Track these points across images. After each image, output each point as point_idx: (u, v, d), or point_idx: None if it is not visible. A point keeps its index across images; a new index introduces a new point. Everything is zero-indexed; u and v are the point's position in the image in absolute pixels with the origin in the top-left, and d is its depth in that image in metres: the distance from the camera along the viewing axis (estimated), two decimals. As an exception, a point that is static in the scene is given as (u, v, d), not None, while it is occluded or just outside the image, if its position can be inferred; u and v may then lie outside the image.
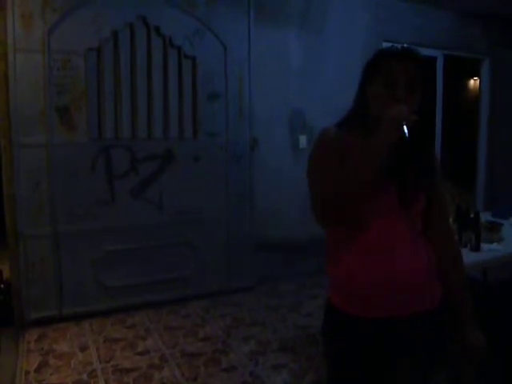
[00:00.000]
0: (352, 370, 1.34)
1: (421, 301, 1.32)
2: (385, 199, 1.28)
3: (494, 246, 2.70)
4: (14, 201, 3.35)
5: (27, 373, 2.82)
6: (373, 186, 1.21)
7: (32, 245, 3.41)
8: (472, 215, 2.76)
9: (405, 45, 1.30)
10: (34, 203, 3.39)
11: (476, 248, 2.60)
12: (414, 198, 1.30)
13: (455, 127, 6.85)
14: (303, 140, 4.47)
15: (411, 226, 1.32)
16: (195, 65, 3.84)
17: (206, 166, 3.95)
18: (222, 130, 4.00)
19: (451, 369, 1.40)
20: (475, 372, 1.37)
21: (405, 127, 1.16)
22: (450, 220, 1.47)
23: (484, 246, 2.65)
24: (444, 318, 1.37)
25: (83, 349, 3.13)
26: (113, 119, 3.61)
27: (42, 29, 3.28)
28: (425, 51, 5.29)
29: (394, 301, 1.28)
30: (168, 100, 3.80)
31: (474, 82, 10.66)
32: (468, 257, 2.52)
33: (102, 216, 3.60)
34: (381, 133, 1.18)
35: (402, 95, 1.24)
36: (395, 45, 1.31)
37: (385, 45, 4.99)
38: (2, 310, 3.34)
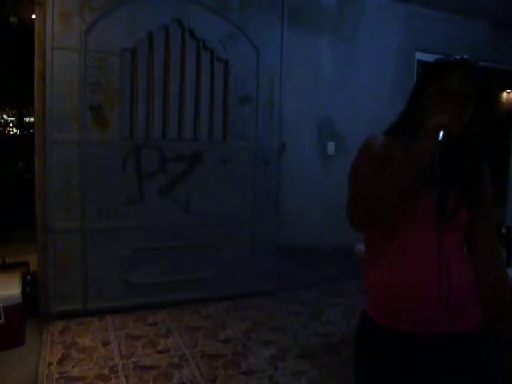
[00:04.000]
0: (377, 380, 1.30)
1: (464, 317, 1.26)
2: (425, 210, 1.24)
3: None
4: (44, 195, 3.43)
5: (50, 364, 2.87)
6: (411, 196, 1.19)
7: (60, 239, 3.48)
8: (503, 230, 2.70)
9: (465, 56, 1.26)
10: (65, 198, 3.46)
11: (508, 263, 2.54)
12: (453, 210, 1.26)
13: (486, 139, 6.73)
14: (331, 147, 4.46)
15: (454, 240, 1.28)
16: (227, 68, 3.87)
17: (234, 169, 3.97)
18: (251, 133, 4.02)
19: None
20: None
21: (441, 133, 1.14)
22: (496, 238, 1.40)
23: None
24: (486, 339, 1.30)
25: (105, 344, 3.17)
26: (144, 119, 3.67)
27: (79, 28, 3.36)
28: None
29: (439, 316, 1.22)
30: (199, 102, 3.84)
31: (507, 95, 10.45)
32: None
33: (129, 214, 3.66)
34: (419, 142, 1.17)
35: (451, 109, 1.21)
36: (454, 56, 1.26)
37: (417, 54, 4.95)
38: (27, 302, 3.41)
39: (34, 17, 3.37)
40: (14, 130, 9.22)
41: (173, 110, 3.74)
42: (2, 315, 3.04)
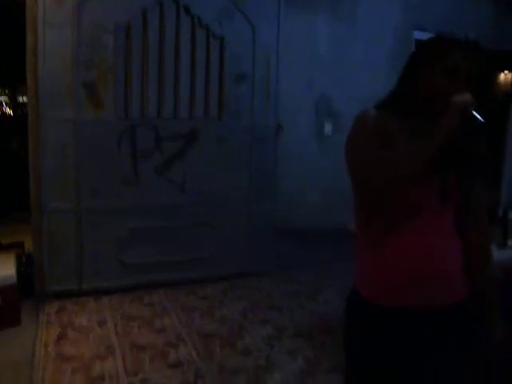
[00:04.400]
0: (380, 362, 1.30)
1: (455, 291, 1.31)
2: (426, 192, 1.24)
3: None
4: (39, 174, 3.38)
5: (46, 344, 2.87)
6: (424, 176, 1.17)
7: (55, 219, 3.45)
8: (500, 212, 2.70)
9: (470, 37, 1.32)
10: (59, 178, 3.42)
11: (503, 245, 2.54)
12: (453, 191, 1.28)
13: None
14: (328, 127, 4.42)
15: (447, 219, 1.31)
16: (223, 45, 3.79)
17: (230, 148, 3.92)
18: (247, 112, 3.96)
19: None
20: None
21: (475, 113, 1.09)
22: (486, 220, 1.43)
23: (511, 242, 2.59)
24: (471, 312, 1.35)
25: (101, 324, 3.18)
26: (139, 98, 3.60)
27: (71, 3, 3.27)
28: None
29: (431, 290, 1.27)
30: (195, 80, 3.77)
31: (504, 76, 10.37)
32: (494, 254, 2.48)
33: (125, 194, 3.62)
34: (446, 119, 1.11)
35: (460, 86, 1.20)
36: (457, 35, 1.29)
37: (415, 33, 4.89)
38: (23, 282, 3.39)
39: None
40: (8, 109, 9.11)
41: (168, 88, 3.67)
42: (-2, 296, 3.03)
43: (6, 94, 9.12)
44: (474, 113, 1.09)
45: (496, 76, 10.22)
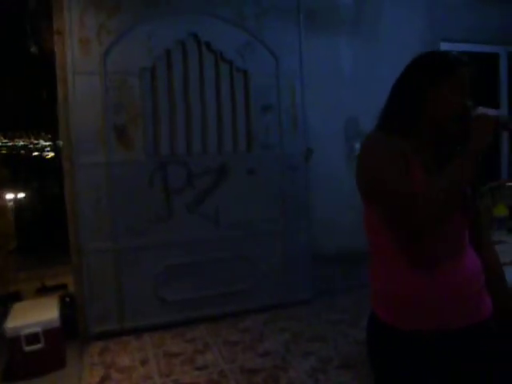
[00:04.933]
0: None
1: (478, 310, 1.31)
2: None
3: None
4: (76, 217, 3.47)
5: (91, 386, 2.89)
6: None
7: (94, 260, 3.52)
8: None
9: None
10: (95, 219, 3.50)
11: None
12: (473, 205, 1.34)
13: None
14: (358, 148, 4.36)
15: (466, 235, 1.33)
16: (247, 78, 3.84)
17: (261, 179, 3.93)
18: (276, 141, 3.97)
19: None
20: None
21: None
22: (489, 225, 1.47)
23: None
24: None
25: (144, 362, 3.17)
26: (168, 136, 3.68)
27: (98, 51, 3.40)
28: (485, 48, 5.05)
29: (454, 311, 1.26)
30: (221, 114, 3.82)
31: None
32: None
33: (160, 231, 3.66)
34: (480, 134, 1.18)
35: (471, 102, 1.27)
36: (452, 50, 1.37)
37: (443, 45, 4.80)
38: (67, 324, 3.44)
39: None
40: (51, 153, 9.50)
41: (196, 124, 3.74)
42: (42, 339, 3.07)
43: (49, 139, 9.54)
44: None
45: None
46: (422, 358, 1.26)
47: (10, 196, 6.32)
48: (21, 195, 7.07)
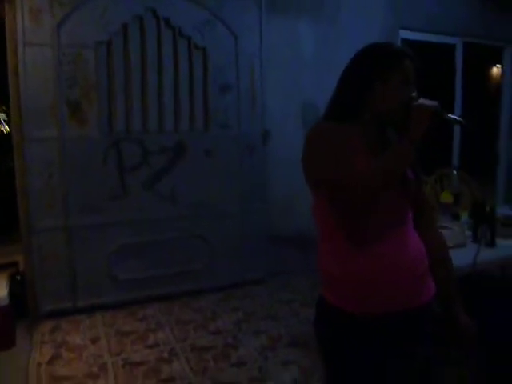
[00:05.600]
0: (352, 365, 1.35)
1: (418, 294, 1.35)
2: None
3: (511, 242, 2.59)
4: (26, 194, 3.38)
5: (39, 364, 2.85)
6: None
7: (45, 237, 3.44)
8: (488, 209, 2.66)
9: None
10: (47, 196, 3.41)
11: (491, 244, 2.50)
12: (415, 190, 1.38)
13: (475, 116, 6.68)
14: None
15: (407, 220, 1.37)
16: (206, 56, 3.80)
17: (218, 159, 3.92)
18: (233, 122, 3.96)
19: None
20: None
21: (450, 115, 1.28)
22: (432, 208, 1.54)
23: (500, 241, 2.55)
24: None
25: (95, 341, 3.16)
26: (123, 112, 3.60)
27: (50, 23, 3.28)
28: (442, 39, 5.15)
29: (393, 294, 1.30)
30: (179, 92, 3.77)
31: (497, 70, 10.36)
32: (483, 253, 2.44)
33: (114, 209, 3.61)
34: (417, 124, 1.24)
35: (415, 93, 1.31)
36: (391, 43, 1.42)
37: (402, 32, 4.87)
38: (17, 303, 3.37)
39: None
40: (7, 127, 9.11)
41: (152, 102, 3.67)
42: (-10, 318, 3.01)
43: (4, 111, 9.12)
44: (449, 115, 1.28)
45: (488, 70, 10.19)
46: (362, 338, 1.31)
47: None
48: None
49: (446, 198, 3.05)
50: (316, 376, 2.65)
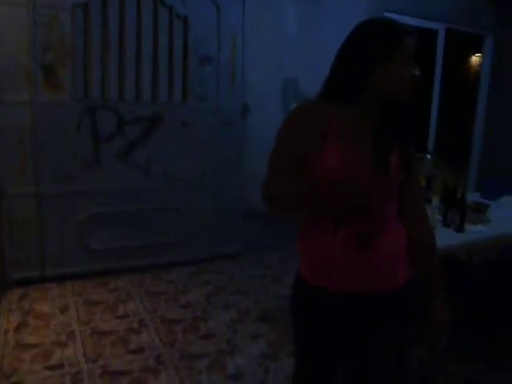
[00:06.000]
0: (321, 342, 1.39)
1: (394, 277, 1.34)
2: (365, 171, 1.26)
3: (479, 227, 2.65)
4: (-3, 158, 3.29)
5: (6, 332, 2.82)
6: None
7: (15, 204, 3.37)
8: (459, 195, 2.72)
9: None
10: (17, 162, 3.33)
11: (460, 229, 2.56)
12: (395, 171, 1.29)
13: (453, 103, 6.75)
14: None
15: (389, 200, 1.33)
16: (187, 26, 3.71)
17: (196, 131, 3.87)
18: (212, 95, 3.90)
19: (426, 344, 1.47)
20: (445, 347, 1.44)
21: None
22: (422, 197, 1.49)
23: (469, 227, 2.62)
24: (414, 293, 1.41)
25: (63, 310, 3.14)
26: (99, 79, 3.51)
27: (26, -20, 3.14)
28: (425, 23, 5.16)
29: (369, 276, 1.30)
30: (157, 61, 3.68)
31: (475, 59, 10.44)
32: (451, 237, 2.50)
33: (87, 178, 3.55)
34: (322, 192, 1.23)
35: (418, 70, 1.27)
36: (389, 19, 1.32)
37: (387, 15, 4.85)
38: (-16, 269, 3.33)
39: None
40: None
41: (129, 70, 3.58)
42: (-45, 283, 2.96)
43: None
44: None
45: (467, 58, 10.28)
46: (334, 315, 1.35)
47: None
48: None
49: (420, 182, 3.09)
50: (284, 350, 2.71)
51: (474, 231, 2.60)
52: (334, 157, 1.23)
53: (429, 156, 3.33)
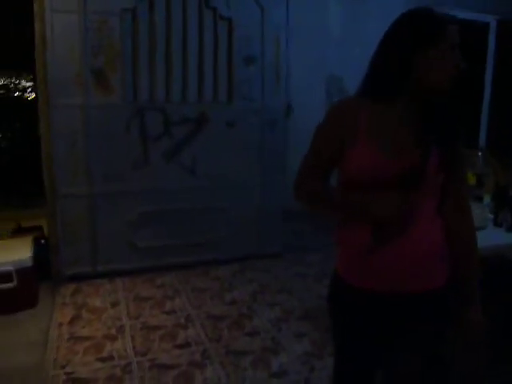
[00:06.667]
0: (358, 340, 1.37)
1: (431, 277, 1.29)
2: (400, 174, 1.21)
3: (532, 227, 2.54)
4: (51, 160, 3.45)
5: (61, 325, 2.96)
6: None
7: (69, 203, 3.53)
8: (511, 193, 2.62)
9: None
10: (71, 163, 3.48)
11: (511, 228, 2.47)
12: (435, 171, 1.23)
13: (506, 99, 6.48)
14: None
15: (428, 198, 1.27)
16: (231, 27, 3.76)
17: (240, 131, 3.92)
18: (257, 94, 3.94)
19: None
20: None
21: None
22: (468, 194, 1.39)
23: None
24: (451, 297, 1.35)
25: (114, 305, 3.25)
26: (147, 81, 3.62)
27: (78, -12, 3.28)
28: (475, 16, 4.98)
29: (407, 275, 1.26)
30: (203, 62, 3.76)
31: None
32: (501, 237, 2.41)
33: (136, 178, 3.67)
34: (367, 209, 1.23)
35: (463, 62, 1.21)
36: (430, 9, 1.22)
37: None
38: (41, 265, 3.48)
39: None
40: (33, 95, 9.19)
41: (176, 71, 3.67)
42: (15, 278, 3.12)
43: (31, 80, 9.19)
44: None
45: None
46: (368, 313, 1.33)
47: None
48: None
49: (470, 179, 3.00)
50: (328, 349, 2.70)
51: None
52: (362, 155, 1.21)
53: (480, 153, 3.22)
